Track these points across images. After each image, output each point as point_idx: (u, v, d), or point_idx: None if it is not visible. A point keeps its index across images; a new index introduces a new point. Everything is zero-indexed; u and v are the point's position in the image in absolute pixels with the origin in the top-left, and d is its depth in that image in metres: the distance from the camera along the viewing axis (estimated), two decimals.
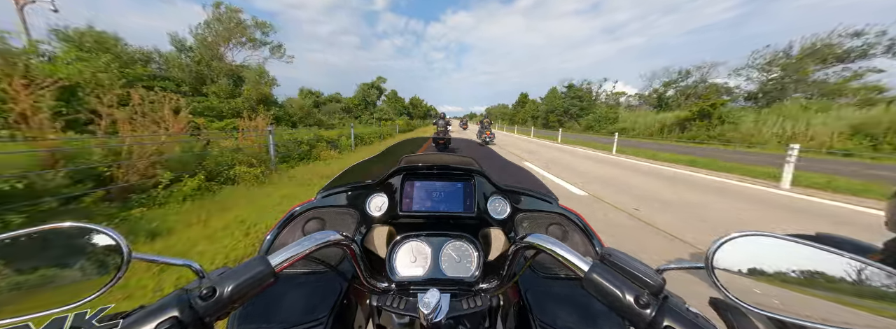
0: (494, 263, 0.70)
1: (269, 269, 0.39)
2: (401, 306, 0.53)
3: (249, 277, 0.37)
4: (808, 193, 5.15)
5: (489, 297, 0.57)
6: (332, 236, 0.47)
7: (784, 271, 0.36)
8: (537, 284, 0.69)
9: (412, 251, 0.70)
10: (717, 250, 0.37)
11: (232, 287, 0.36)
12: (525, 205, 0.83)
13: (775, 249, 0.36)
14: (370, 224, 0.78)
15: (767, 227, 3.41)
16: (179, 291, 0.36)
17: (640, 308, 0.35)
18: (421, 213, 0.74)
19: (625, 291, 0.37)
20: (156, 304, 0.33)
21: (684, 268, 0.39)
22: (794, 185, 5.63)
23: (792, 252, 0.36)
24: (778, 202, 4.58)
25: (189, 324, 0.33)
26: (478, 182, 0.78)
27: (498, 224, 0.78)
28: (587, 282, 0.40)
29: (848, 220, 3.69)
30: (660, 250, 2.72)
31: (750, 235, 0.37)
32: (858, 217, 3.82)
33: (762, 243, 0.37)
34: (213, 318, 0.35)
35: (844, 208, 4.25)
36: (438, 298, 0.47)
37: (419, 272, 0.67)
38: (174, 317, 0.32)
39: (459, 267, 0.68)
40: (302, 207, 0.82)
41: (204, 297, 0.35)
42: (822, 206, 4.36)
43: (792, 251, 0.36)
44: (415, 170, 0.80)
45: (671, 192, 5.10)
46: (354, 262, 0.56)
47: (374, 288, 0.61)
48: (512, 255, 0.55)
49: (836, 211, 4.13)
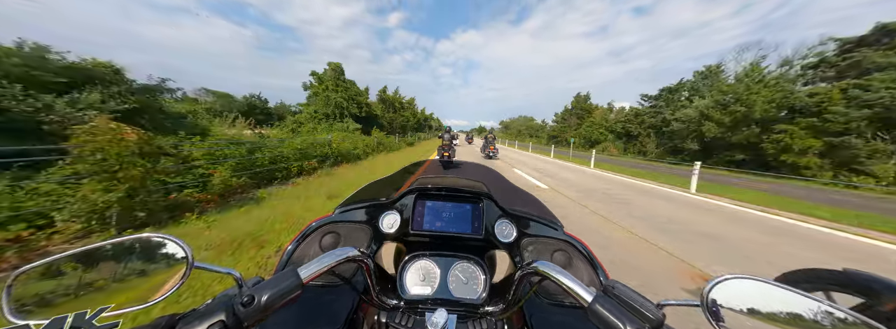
0: (499, 286, 0.71)
1: (298, 281, 0.43)
2: (409, 324, 0.55)
3: (282, 288, 0.41)
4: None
5: (495, 320, 0.59)
6: (351, 252, 0.50)
7: (772, 312, 0.39)
8: (542, 311, 0.70)
9: (421, 270, 0.71)
10: (712, 289, 0.41)
11: (267, 296, 0.39)
12: (531, 230, 0.85)
13: (762, 292, 0.40)
14: (382, 240, 0.80)
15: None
16: (224, 298, 0.40)
17: None
18: (431, 232, 0.76)
19: (626, 324, 0.39)
20: (208, 306, 0.38)
21: (683, 304, 0.41)
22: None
23: (775, 295, 0.39)
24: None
25: (232, 327, 0.37)
26: (486, 205, 0.81)
27: (504, 247, 0.79)
28: (591, 312, 0.42)
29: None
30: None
31: (741, 278, 0.40)
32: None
33: (752, 286, 0.40)
34: (250, 323, 0.39)
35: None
36: (446, 319, 0.49)
37: (428, 291, 0.68)
38: (221, 321, 0.36)
39: (467, 288, 0.69)
40: (319, 222, 0.85)
41: (245, 305, 0.38)
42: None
43: (775, 294, 0.39)
44: (427, 190, 0.83)
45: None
46: (368, 277, 0.58)
47: (383, 305, 0.63)
48: (518, 281, 0.56)
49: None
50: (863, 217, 5.43)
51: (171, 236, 0.41)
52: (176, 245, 0.40)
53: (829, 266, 1.36)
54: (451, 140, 9.95)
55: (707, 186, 8.33)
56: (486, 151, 13.09)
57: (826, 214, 5.53)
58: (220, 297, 0.40)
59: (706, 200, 6.64)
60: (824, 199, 8.10)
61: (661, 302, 0.42)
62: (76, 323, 0.33)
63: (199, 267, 0.40)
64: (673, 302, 0.42)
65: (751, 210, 5.81)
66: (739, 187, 9.22)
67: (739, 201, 6.59)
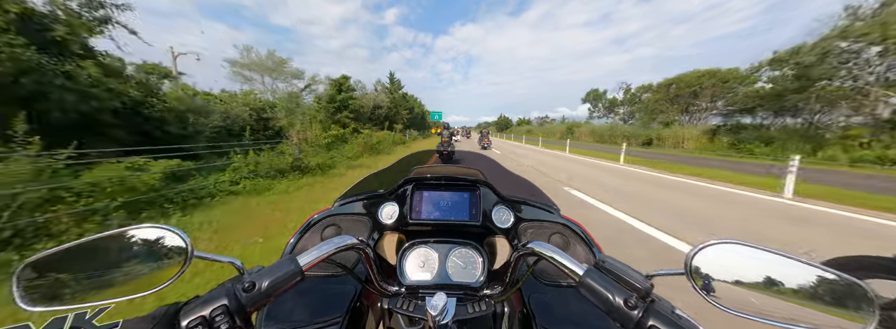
0: (499, 271, 0.73)
1: (297, 268, 0.44)
2: (410, 309, 0.57)
3: (282, 274, 0.43)
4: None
5: (493, 302, 0.60)
6: (350, 240, 0.51)
7: (757, 276, 0.39)
8: (539, 292, 0.72)
9: (420, 257, 0.73)
10: (694, 256, 0.41)
11: (268, 282, 0.41)
12: (528, 215, 0.86)
13: (748, 256, 0.40)
14: (382, 231, 0.82)
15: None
16: (228, 284, 0.41)
17: (629, 309, 0.39)
18: (429, 221, 0.77)
19: (615, 294, 0.41)
20: (210, 293, 0.40)
21: (670, 274, 0.42)
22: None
23: (762, 259, 0.39)
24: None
25: (235, 311, 0.38)
26: (483, 192, 0.82)
27: (502, 233, 0.81)
28: (582, 285, 0.44)
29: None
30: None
31: (726, 243, 0.41)
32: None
33: (736, 250, 0.40)
34: (252, 308, 0.41)
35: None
36: (445, 302, 0.50)
37: (427, 277, 0.70)
38: (224, 305, 0.38)
39: (465, 273, 0.71)
40: (320, 215, 0.87)
41: (246, 290, 0.40)
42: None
43: (762, 258, 0.39)
44: (424, 180, 0.84)
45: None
46: (368, 265, 0.59)
47: (385, 291, 0.65)
48: (514, 262, 0.58)
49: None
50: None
51: (169, 227, 0.41)
52: (174, 235, 0.41)
53: (874, 253, 1.19)
54: (450, 136, 10.54)
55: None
56: (482, 143, 17.34)
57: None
58: (225, 284, 0.41)
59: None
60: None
61: (651, 272, 0.43)
62: (76, 323, 0.34)
63: (200, 256, 0.41)
64: (661, 272, 0.43)
65: None
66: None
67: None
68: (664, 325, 0.37)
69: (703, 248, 0.41)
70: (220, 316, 0.37)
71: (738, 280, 0.40)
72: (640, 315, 0.39)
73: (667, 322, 0.37)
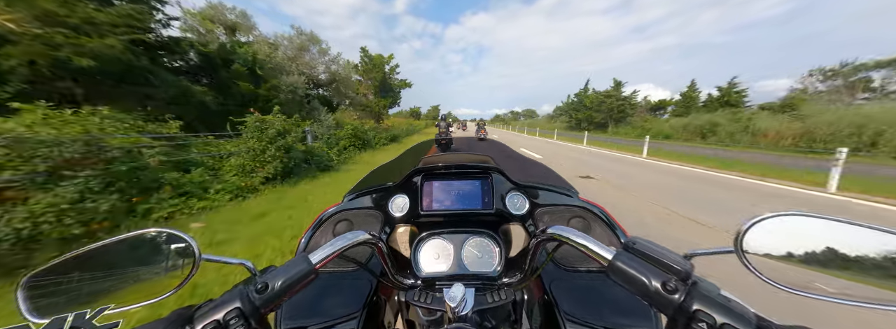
0: (516, 259, 0.71)
1: (310, 266, 0.43)
2: (428, 301, 0.55)
3: (294, 273, 0.41)
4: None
5: (513, 290, 0.58)
6: (362, 236, 0.50)
7: (820, 252, 0.35)
8: (561, 278, 0.69)
9: (435, 248, 0.71)
10: (746, 232, 0.37)
11: (281, 282, 0.40)
12: (544, 199, 0.84)
13: (809, 229, 0.36)
14: (393, 224, 0.80)
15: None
16: (240, 286, 0.40)
17: (668, 294, 0.35)
18: (441, 211, 0.76)
19: (651, 278, 0.37)
20: (223, 297, 0.38)
21: (714, 252, 0.39)
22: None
23: (826, 231, 0.35)
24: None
25: (249, 314, 0.37)
26: (495, 179, 0.79)
27: (518, 220, 0.78)
28: (612, 270, 0.40)
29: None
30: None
31: (785, 215, 0.36)
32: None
33: (795, 223, 0.36)
34: (267, 309, 0.40)
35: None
36: (463, 292, 0.48)
37: (443, 268, 0.68)
38: (238, 307, 0.37)
39: (482, 262, 0.69)
40: (330, 211, 0.85)
41: (259, 291, 0.39)
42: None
43: (827, 230, 0.35)
44: (433, 170, 0.82)
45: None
46: (382, 259, 0.58)
47: (401, 284, 0.64)
48: (533, 249, 0.56)
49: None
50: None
51: (175, 230, 0.40)
52: (181, 239, 0.40)
53: None
54: (447, 127, 11.03)
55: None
56: (479, 134, 18.84)
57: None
58: (237, 287, 0.40)
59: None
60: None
61: (690, 252, 0.40)
62: (76, 323, 0.33)
63: (208, 259, 0.40)
64: (702, 251, 0.39)
65: None
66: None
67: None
68: (711, 309, 0.33)
69: (756, 222, 0.37)
70: (234, 319, 0.36)
71: (801, 257, 0.36)
72: (682, 299, 0.35)
73: (714, 305, 0.34)
